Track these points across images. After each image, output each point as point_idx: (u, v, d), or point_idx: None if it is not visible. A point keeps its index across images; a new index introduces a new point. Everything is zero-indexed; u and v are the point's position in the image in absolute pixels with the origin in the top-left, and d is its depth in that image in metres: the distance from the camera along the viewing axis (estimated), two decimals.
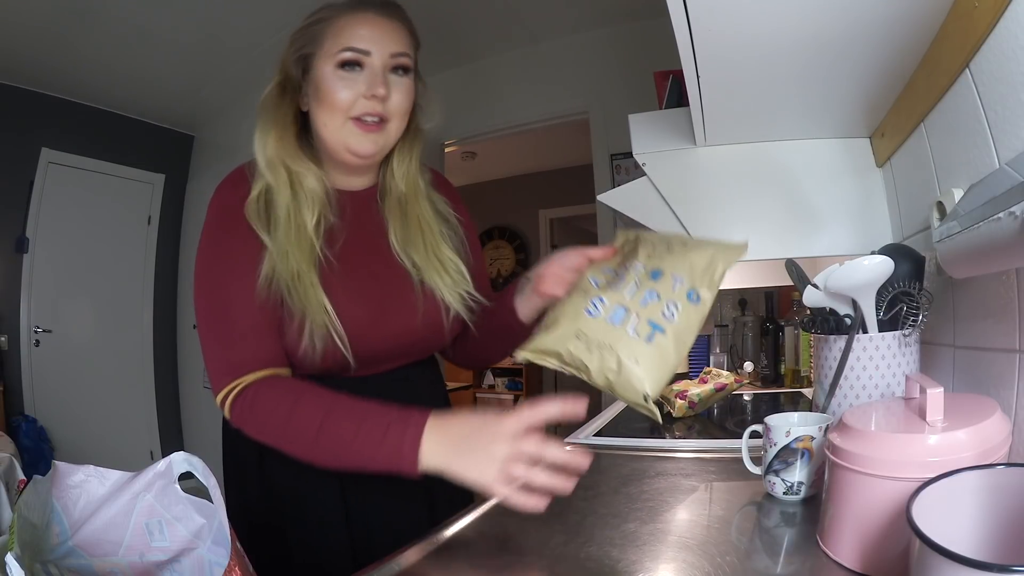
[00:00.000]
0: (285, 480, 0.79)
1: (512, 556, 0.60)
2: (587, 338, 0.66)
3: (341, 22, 0.76)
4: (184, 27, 2.68)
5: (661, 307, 0.66)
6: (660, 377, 0.65)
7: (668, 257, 0.70)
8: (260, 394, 0.70)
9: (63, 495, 0.50)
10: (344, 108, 0.74)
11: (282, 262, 0.72)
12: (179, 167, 3.95)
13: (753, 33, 0.74)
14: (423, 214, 0.84)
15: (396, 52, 0.77)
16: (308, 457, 0.68)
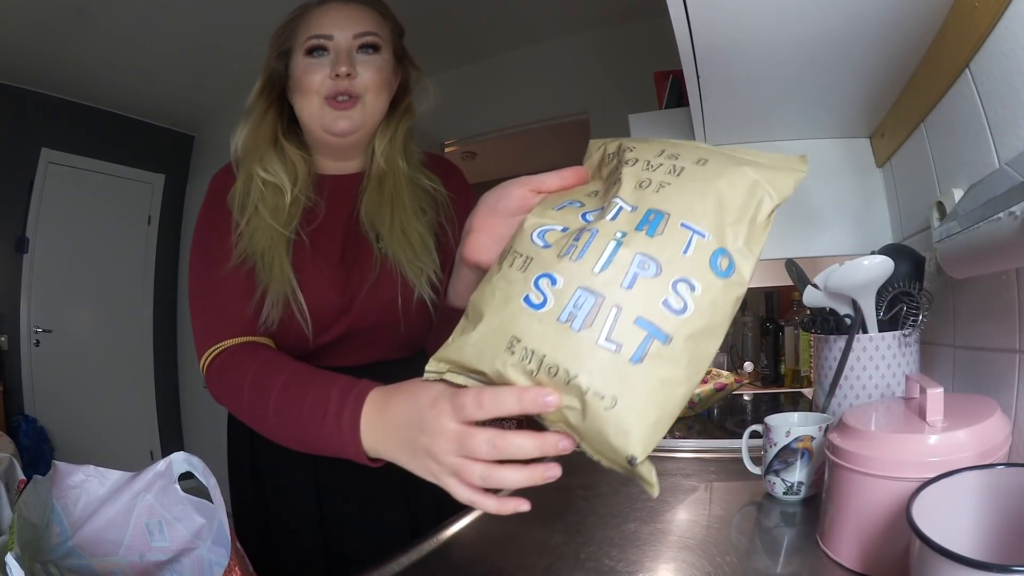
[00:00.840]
0: (271, 480, 0.83)
1: (512, 556, 0.60)
2: (525, 350, 0.39)
3: (309, 15, 0.81)
4: (184, 27, 2.68)
5: (662, 288, 0.37)
6: (657, 424, 0.38)
7: (675, 186, 0.41)
8: (231, 356, 0.72)
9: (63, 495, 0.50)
10: (314, 90, 0.78)
11: (252, 240, 0.76)
12: (179, 167, 3.95)
13: (753, 33, 0.74)
14: (398, 190, 0.84)
15: (359, 32, 0.80)
16: (268, 430, 0.64)
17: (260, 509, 0.84)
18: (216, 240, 0.78)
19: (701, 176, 0.40)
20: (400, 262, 0.80)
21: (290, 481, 0.83)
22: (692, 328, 0.37)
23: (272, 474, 0.85)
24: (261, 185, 0.79)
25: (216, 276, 0.76)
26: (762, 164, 0.40)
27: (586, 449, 0.41)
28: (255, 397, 0.64)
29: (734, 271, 0.38)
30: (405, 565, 0.57)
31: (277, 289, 0.75)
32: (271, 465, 0.85)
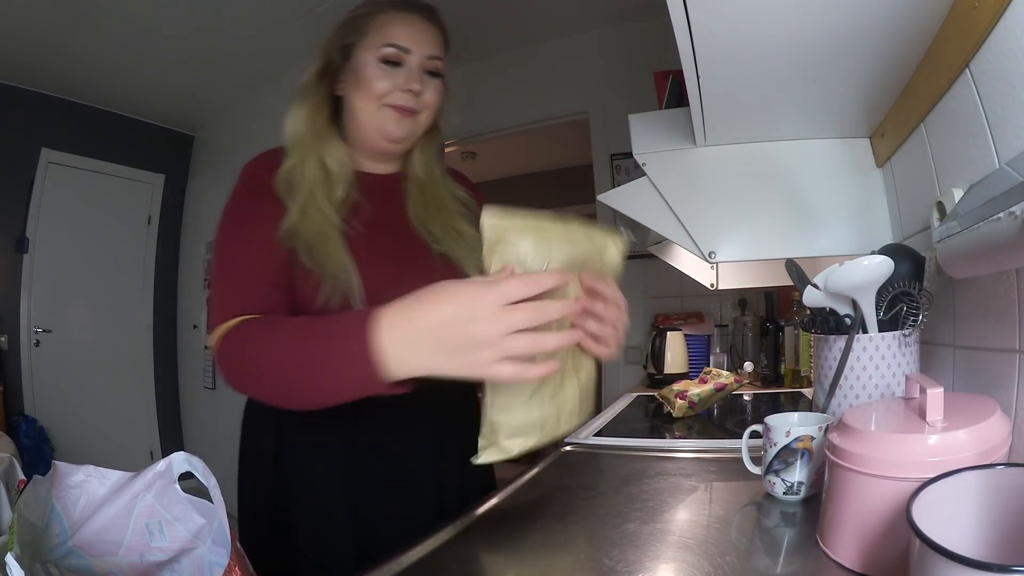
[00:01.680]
0: (297, 480, 0.81)
1: (512, 556, 0.60)
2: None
3: (386, 18, 0.83)
4: (184, 27, 2.68)
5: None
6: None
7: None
8: (241, 329, 0.69)
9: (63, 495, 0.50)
10: (379, 96, 0.81)
11: (306, 223, 0.77)
12: (179, 167, 3.95)
13: (753, 33, 0.74)
14: (440, 195, 0.91)
15: (433, 55, 0.84)
16: (287, 387, 0.63)
17: (277, 509, 0.82)
18: (252, 220, 0.79)
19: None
20: (460, 260, 0.85)
21: (322, 473, 0.81)
22: None
23: (300, 467, 0.82)
24: (319, 170, 0.81)
25: (247, 253, 0.77)
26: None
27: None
28: (269, 352, 0.64)
29: None
30: (405, 565, 0.57)
31: (335, 276, 0.75)
32: (295, 465, 0.82)
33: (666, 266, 1.76)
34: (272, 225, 0.77)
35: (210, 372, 3.42)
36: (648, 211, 1.13)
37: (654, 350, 2.06)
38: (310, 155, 0.82)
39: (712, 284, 1.47)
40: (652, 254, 1.79)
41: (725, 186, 1.10)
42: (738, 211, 1.10)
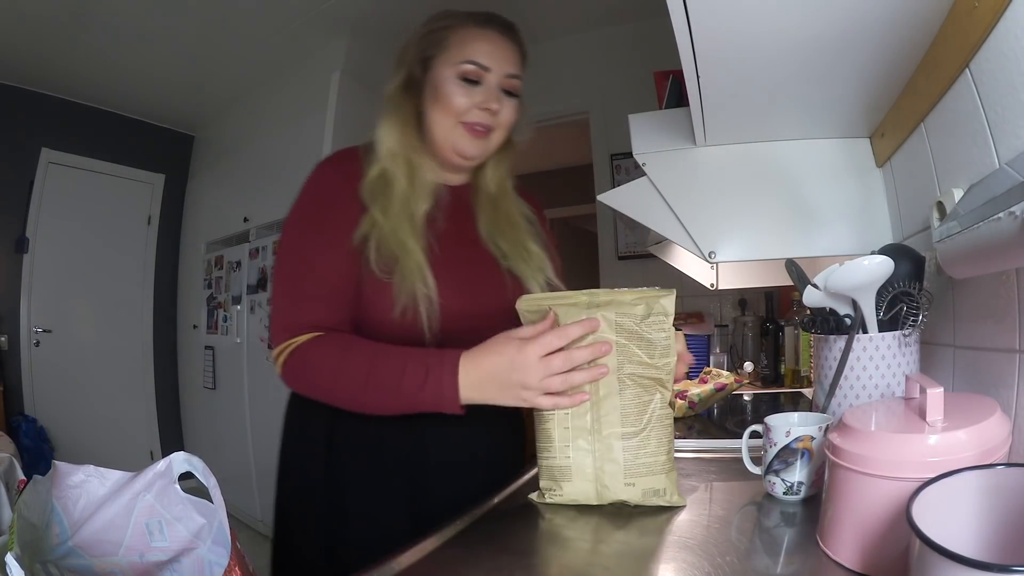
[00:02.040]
0: (353, 464, 0.83)
1: (512, 556, 0.60)
2: None
3: (466, 33, 0.83)
4: (184, 27, 2.68)
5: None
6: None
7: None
8: (312, 347, 0.76)
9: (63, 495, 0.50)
10: (457, 113, 0.82)
11: (390, 234, 0.79)
12: (179, 167, 3.95)
13: (753, 33, 0.74)
14: (510, 211, 0.93)
15: (511, 73, 0.84)
16: (357, 403, 0.74)
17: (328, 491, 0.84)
18: (322, 230, 0.80)
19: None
20: (525, 277, 0.89)
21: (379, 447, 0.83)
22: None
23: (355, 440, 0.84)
24: (408, 183, 0.83)
25: (314, 265, 0.79)
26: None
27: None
28: (342, 374, 0.73)
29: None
30: (405, 565, 0.57)
31: (413, 288, 0.78)
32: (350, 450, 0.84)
33: (666, 266, 1.76)
34: (342, 234, 0.79)
35: (210, 372, 3.42)
36: (648, 211, 1.13)
37: None
38: (400, 166, 0.83)
39: (712, 284, 1.47)
40: (652, 254, 1.79)
41: (725, 186, 1.10)
42: (738, 211, 1.10)
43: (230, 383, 3.21)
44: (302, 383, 0.78)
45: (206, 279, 3.58)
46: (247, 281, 3.14)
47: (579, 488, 0.69)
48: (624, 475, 0.67)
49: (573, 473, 0.69)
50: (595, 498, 0.69)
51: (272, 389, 2.88)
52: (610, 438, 0.68)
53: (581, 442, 0.69)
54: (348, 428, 0.82)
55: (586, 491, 0.69)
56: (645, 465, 0.67)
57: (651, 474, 0.67)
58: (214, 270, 3.50)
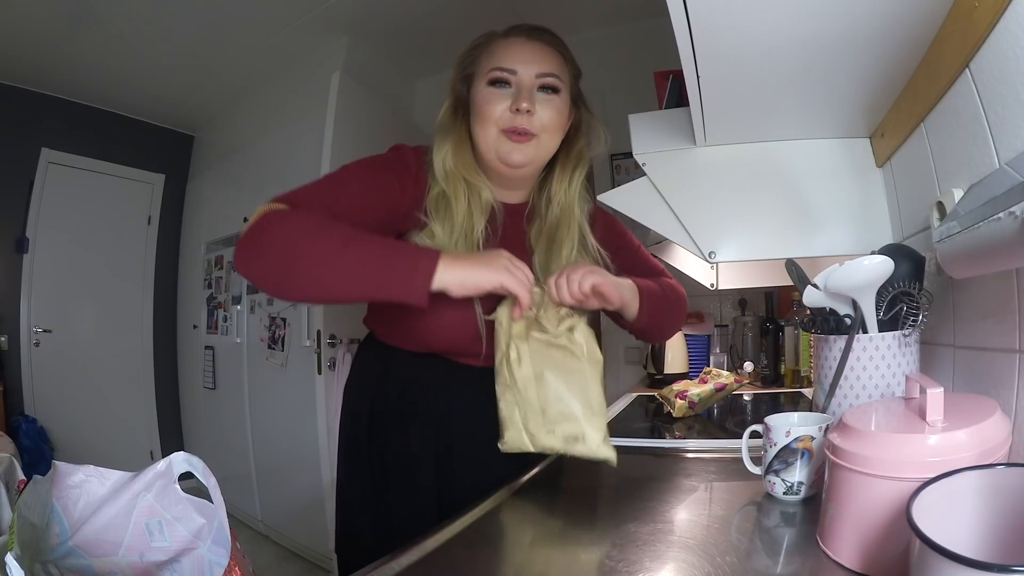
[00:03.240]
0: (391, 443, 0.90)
1: (512, 555, 0.60)
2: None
3: (493, 46, 0.87)
4: (184, 27, 2.68)
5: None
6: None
7: None
8: (297, 210, 0.76)
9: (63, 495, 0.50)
10: (493, 119, 0.83)
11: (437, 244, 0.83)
12: (179, 167, 3.94)
13: (753, 33, 0.74)
14: (568, 245, 0.90)
15: (542, 72, 0.85)
16: (328, 265, 0.71)
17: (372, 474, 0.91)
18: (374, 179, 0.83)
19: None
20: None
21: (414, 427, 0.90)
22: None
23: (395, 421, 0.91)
24: (466, 207, 0.85)
25: (349, 194, 0.81)
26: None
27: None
28: (323, 232, 0.72)
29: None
30: (405, 565, 0.57)
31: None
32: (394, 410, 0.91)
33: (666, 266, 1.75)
34: (385, 204, 0.83)
35: (210, 372, 3.42)
36: (648, 211, 1.13)
37: (654, 350, 2.06)
38: (457, 186, 0.85)
39: (712, 284, 1.47)
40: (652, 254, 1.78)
41: (725, 186, 1.10)
42: (738, 211, 1.10)
43: (230, 383, 3.20)
44: (279, 229, 0.73)
45: (206, 279, 3.58)
46: (247, 281, 3.14)
47: (515, 436, 0.78)
48: (544, 422, 0.76)
49: (507, 423, 0.78)
50: (529, 445, 0.77)
51: (272, 389, 2.88)
52: (525, 390, 0.77)
53: (508, 396, 0.78)
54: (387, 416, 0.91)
55: (520, 439, 0.78)
56: (560, 413, 0.75)
57: (566, 420, 0.75)
58: (214, 270, 3.50)
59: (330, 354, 2.48)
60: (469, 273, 0.73)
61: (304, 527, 2.66)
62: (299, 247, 0.72)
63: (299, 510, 2.66)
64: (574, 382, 0.77)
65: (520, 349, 0.78)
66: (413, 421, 0.90)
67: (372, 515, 0.90)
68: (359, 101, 2.55)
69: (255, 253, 0.73)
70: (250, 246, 0.73)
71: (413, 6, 2.56)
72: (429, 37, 2.78)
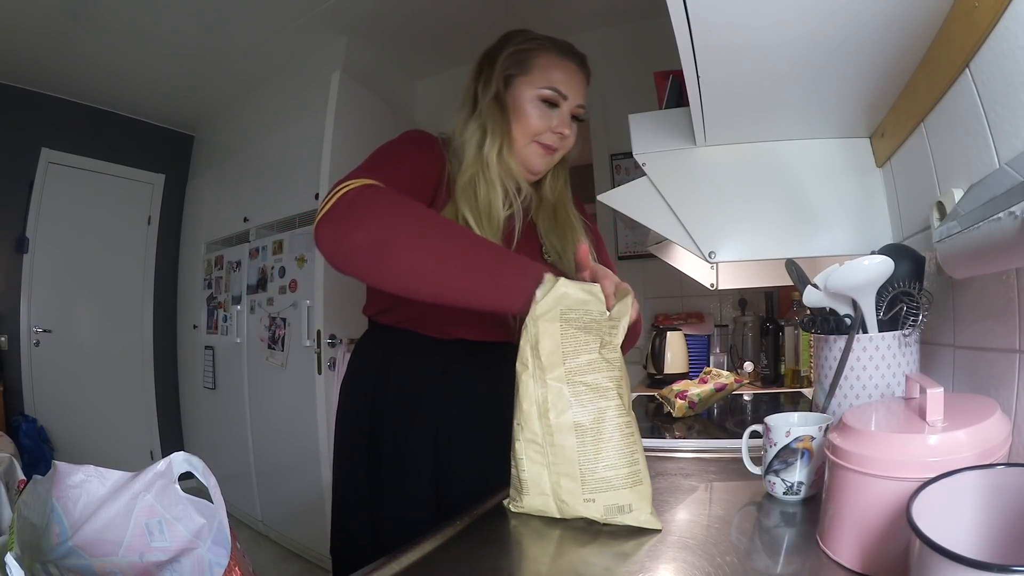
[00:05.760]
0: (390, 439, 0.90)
1: (512, 556, 0.60)
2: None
3: (548, 59, 0.92)
4: (184, 27, 2.68)
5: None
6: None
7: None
8: (387, 189, 0.74)
9: (63, 495, 0.50)
10: (533, 133, 0.91)
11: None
12: (179, 167, 3.94)
13: (753, 33, 0.74)
14: (570, 218, 1.00)
15: (580, 104, 0.94)
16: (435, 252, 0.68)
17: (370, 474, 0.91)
18: (415, 158, 0.87)
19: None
20: (572, 272, 0.93)
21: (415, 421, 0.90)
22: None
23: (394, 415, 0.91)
24: (492, 187, 0.88)
25: (401, 167, 0.84)
26: None
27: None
28: (426, 218, 0.71)
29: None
30: (405, 565, 0.57)
31: None
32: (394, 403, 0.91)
33: (666, 266, 1.76)
34: (422, 176, 0.86)
35: (210, 372, 3.42)
36: (648, 211, 1.13)
37: (654, 350, 2.06)
38: (497, 179, 0.89)
39: (712, 284, 1.47)
40: (652, 254, 1.79)
41: (725, 186, 1.10)
42: (738, 211, 1.10)
43: (230, 383, 3.20)
44: (364, 213, 0.69)
45: (206, 279, 3.58)
46: (247, 281, 3.14)
47: (538, 501, 0.65)
48: (582, 490, 0.62)
49: (530, 487, 0.65)
50: (556, 512, 0.65)
51: (272, 389, 2.88)
52: (563, 450, 0.63)
53: (533, 454, 0.64)
54: (385, 412, 0.90)
55: (546, 505, 0.65)
56: (604, 480, 0.62)
57: (611, 489, 0.62)
58: (214, 270, 3.50)
59: (330, 354, 2.48)
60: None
61: (304, 527, 2.67)
62: (401, 233, 0.68)
63: (299, 510, 2.66)
64: (621, 432, 0.63)
65: (555, 392, 0.63)
66: (413, 417, 0.90)
67: (367, 514, 0.90)
68: (359, 101, 2.55)
69: (351, 224, 0.68)
70: (342, 217, 0.69)
71: (413, 6, 2.56)
72: (429, 37, 2.79)
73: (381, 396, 0.92)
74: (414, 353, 0.92)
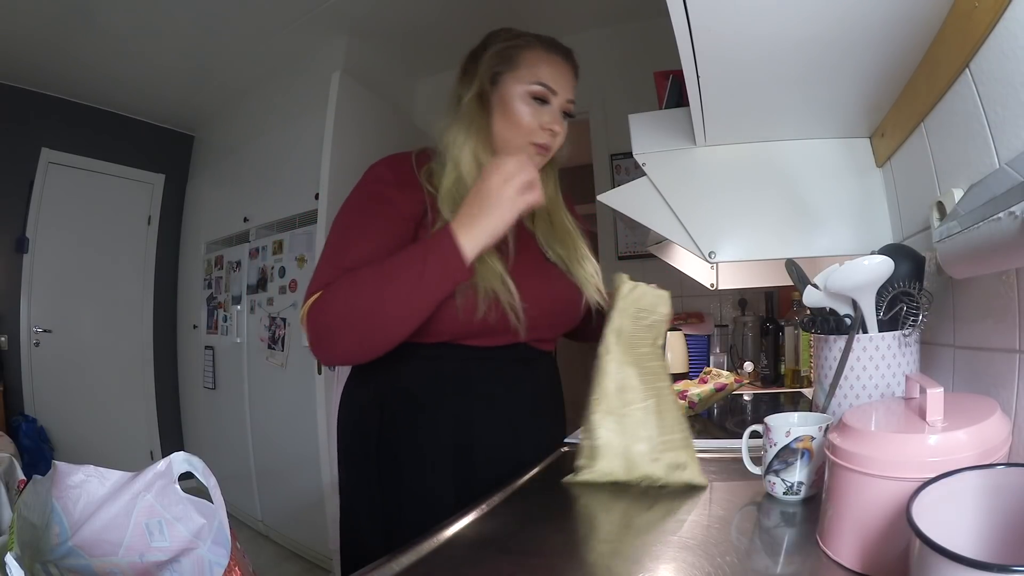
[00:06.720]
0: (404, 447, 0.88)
1: (512, 556, 0.60)
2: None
3: (535, 55, 0.90)
4: (184, 27, 2.68)
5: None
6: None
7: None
8: (329, 289, 0.80)
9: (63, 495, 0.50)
10: (527, 131, 0.89)
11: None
12: (179, 167, 3.95)
13: (753, 33, 0.74)
14: (564, 219, 1.00)
15: (571, 99, 0.93)
16: (380, 313, 0.76)
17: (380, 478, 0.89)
18: (382, 215, 0.85)
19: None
20: (581, 281, 0.97)
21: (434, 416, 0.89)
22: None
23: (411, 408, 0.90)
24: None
25: (359, 241, 0.83)
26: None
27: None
28: (359, 291, 0.77)
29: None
30: (405, 565, 0.57)
31: (494, 292, 0.83)
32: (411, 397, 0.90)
33: (666, 266, 1.76)
34: (389, 227, 0.84)
35: (210, 372, 3.42)
36: (648, 211, 1.13)
37: None
38: (475, 174, 0.87)
39: (712, 284, 1.47)
40: (652, 254, 1.79)
41: (725, 186, 1.10)
42: (738, 211, 1.10)
43: (230, 383, 3.20)
44: (327, 321, 0.78)
45: (206, 279, 3.58)
46: (247, 281, 3.14)
47: (610, 465, 0.77)
48: (650, 452, 0.76)
49: (604, 452, 0.77)
50: (624, 473, 0.76)
51: (272, 389, 2.88)
52: (634, 419, 0.77)
53: (611, 423, 0.78)
54: (398, 416, 0.88)
55: (616, 467, 0.77)
56: (666, 442, 0.76)
57: (673, 449, 0.76)
58: (214, 270, 3.50)
59: None
60: (485, 220, 0.76)
61: (304, 527, 2.67)
62: (354, 317, 0.77)
63: (299, 510, 2.66)
64: (675, 406, 0.80)
65: (628, 373, 0.79)
66: (428, 422, 0.88)
67: (381, 526, 0.87)
68: (359, 101, 2.55)
69: (328, 348, 0.80)
70: (319, 343, 0.80)
71: (413, 6, 2.56)
72: (429, 37, 2.79)
73: (392, 400, 0.90)
74: (423, 358, 0.89)
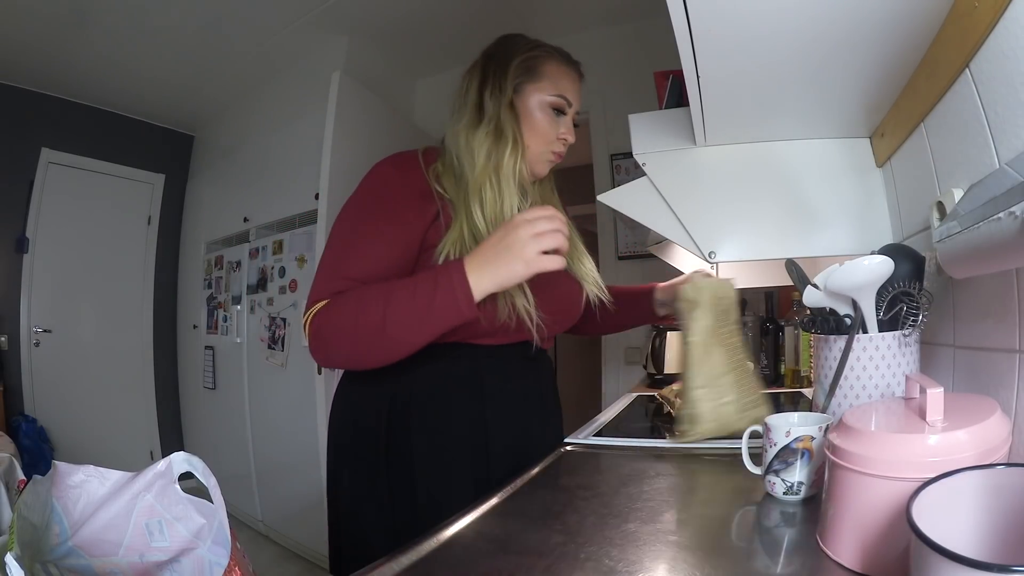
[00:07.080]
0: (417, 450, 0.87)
1: (512, 556, 0.60)
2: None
3: (556, 68, 0.96)
4: (184, 27, 2.68)
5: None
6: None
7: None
8: (331, 303, 0.81)
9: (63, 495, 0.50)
10: (548, 141, 0.96)
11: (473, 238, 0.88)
12: (179, 167, 3.95)
13: (753, 33, 0.74)
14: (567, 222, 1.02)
15: (579, 110, 0.99)
16: (383, 340, 0.77)
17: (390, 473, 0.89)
18: (387, 219, 0.86)
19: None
20: (581, 275, 1.02)
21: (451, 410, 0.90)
22: None
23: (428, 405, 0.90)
24: (500, 194, 0.90)
25: (368, 248, 0.84)
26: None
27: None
28: (361, 314, 0.77)
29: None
30: (405, 565, 0.57)
31: (512, 296, 0.86)
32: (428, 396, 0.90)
33: (666, 266, 1.76)
34: (393, 230, 0.85)
35: (210, 372, 3.42)
36: (648, 211, 1.13)
37: (654, 350, 2.06)
38: (506, 183, 0.90)
39: None
40: (652, 254, 1.79)
41: (725, 186, 1.10)
42: (738, 211, 1.10)
43: (230, 383, 3.21)
44: (329, 332, 0.80)
45: (206, 279, 3.58)
46: (247, 281, 3.14)
47: (708, 427, 0.91)
48: (736, 412, 0.91)
49: (704, 417, 0.91)
50: (719, 430, 0.91)
51: (272, 389, 2.88)
52: (722, 388, 0.92)
53: (709, 392, 0.91)
54: (411, 417, 0.88)
55: (711, 430, 0.91)
56: (750, 402, 0.92)
57: (755, 407, 0.92)
58: (214, 270, 3.50)
59: None
60: (500, 270, 0.77)
61: (304, 527, 2.67)
62: (355, 341, 0.78)
63: (299, 510, 2.66)
64: (750, 372, 0.96)
65: (716, 352, 0.92)
66: (444, 424, 0.87)
67: (390, 527, 0.86)
68: (359, 101, 2.55)
69: (326, 358, 0.83)
70: (318, 350, 0.83)
71: (413, 6, 2.56)
72: (429, 37, 2.79)
73: (402, 402, 0.88)
74: (435, 357, 0.87)
